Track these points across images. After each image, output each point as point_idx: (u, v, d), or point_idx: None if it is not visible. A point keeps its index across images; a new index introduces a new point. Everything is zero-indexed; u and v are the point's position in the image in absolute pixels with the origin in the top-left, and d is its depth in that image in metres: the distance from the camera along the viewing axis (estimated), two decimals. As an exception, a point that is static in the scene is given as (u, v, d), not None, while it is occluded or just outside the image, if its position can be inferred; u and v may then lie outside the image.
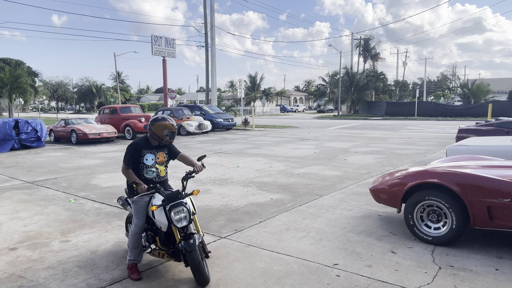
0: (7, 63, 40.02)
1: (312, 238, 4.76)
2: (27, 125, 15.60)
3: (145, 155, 3.85)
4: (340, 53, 47.56)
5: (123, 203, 4.29)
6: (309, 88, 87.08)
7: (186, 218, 3.61)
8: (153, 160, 3.90)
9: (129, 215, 4.32)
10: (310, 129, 24.77)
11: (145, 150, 3.87)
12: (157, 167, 3.92)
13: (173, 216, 3.54)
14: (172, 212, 3.55)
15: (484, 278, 3.62)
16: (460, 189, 4.22)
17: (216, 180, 8.43)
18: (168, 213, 3.55)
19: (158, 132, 3.82)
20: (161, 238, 3.78)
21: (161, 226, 3.63)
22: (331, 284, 3.56)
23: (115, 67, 49.99)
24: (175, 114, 21.52)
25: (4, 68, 32.25)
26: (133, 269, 3.80)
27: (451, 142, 11.98)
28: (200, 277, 3.50)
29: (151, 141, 3.92)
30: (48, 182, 8.53)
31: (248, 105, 55.00)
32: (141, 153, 3.85)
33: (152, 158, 3.90)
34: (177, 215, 3.57)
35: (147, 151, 3.88)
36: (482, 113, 34.03)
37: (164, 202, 3.59)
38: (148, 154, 3.87)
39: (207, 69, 29.87)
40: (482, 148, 7.11)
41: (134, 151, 3.83)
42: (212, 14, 29.91)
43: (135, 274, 3.76)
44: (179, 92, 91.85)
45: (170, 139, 3.92)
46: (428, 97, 71.23)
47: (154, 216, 3.65)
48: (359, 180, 8.19)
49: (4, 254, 4.43)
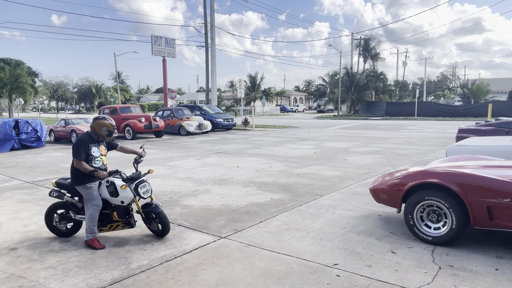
0: (7, 63, 39.98)
1: (312, 238, 4.76)
2: (27, 125, 15.60)
3: (92, 148, 4.60)
4: (340, 53, 47.58)
5: (58, 195, 4.86)
6: (309, 88, 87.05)
7: (149, 190, 4.79)
8: (98, 152, 4.68)
9: (56, 204, 4.92)
10: (310, 129, 24.78)
11: (91, 144, 4.62)
12: (101, 158, 4.70)
13: (140, 190, 4.64)
14: (138, 187, 4.64)
15: (484, 278, 3.63)
16: (460, 189, 4.23)
17: (216, 180, 8.44)
18: (135, 189, 4.61)
19: (98, 129, 4.62)
20: (119, 212, 4.70)
21: (123, 201, 4.60)
22: (331, 284, 3.56)
23: (115, 67, 49.97)
24: (175, 114, 21.51)
25: (4, 68, 32.24)
26: (95, 241, 4.53)
27: (451, 142, 11.98)
28: (167, 227, 4.78)
29: (93, 136, 4.67)
30: (48, 182, 8.53)
31: (248, 105, 54.99)
32: (88, 147, 4.59)
33: (97, 150, 4.68)
34: (143, 189, 4.69)
35: (92, 145, 4.64)
36: (482, 113, 34.04)
37: (127, 181, 4.62)
38: (93, 148, 4.63)
39: (207, 69, 29.87)
40: (482, 148, 7.11)
41: (83, 146, 4.54)
42: (212, 14, 29.91)
43: (100, 245, 4.53)
44: (179, 92, 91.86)
45: (108, 137, 4.70)
46: (428, 97, 71.24)
47: (117, 194, 4.56)
48: (359, 180, 8.20)
49: (4, 254, 4.43)
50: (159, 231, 4.84)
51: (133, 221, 4.83)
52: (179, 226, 5.33)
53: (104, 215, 4.74)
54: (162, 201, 6.67)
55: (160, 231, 4.83)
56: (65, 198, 4.86)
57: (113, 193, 4.61)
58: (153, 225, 4.85)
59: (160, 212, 4.69)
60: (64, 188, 4.86)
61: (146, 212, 4.74)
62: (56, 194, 4.88)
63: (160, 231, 4.83)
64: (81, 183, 4.59)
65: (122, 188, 4.55)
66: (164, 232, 4.81)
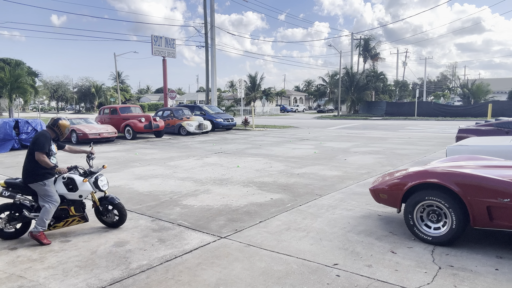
0: (7, 63, 40.00)
1: (312, 238, 4.76)
2: (27, 125, 15.60)
3: (51, 145, 4.88)
4: (340, 53, 47.59)
5: (10, 194, 4.80)
6: (309, 88, 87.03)
7: (107, 183, 5.22)
8: (54, 149, 4.96)
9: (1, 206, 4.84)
10: (310, 129, 24.78)
11: (51, 141, 4.91)
12: (55, 155, 4.97)
13: (99, 183, 5.05)
14: (98, 180, 5.04)
15: (484, 278, 3.63)
16: (460, 189, 4.23)
17: (216, 180, 8.44)
18: (95, 182, 5.00)
19: (62, 129, 4.97)
20: (76, 206, 4.99)
21: (82, 195, 4.93)
22: (331, 284, 3.56)
23: (115, 67, 49.97)
24: (175, 114, 21.51)
25: (4, 68, 32.27)
26: (42, 236, 4.67)
27: (451, 142, 11.98)
28: (124, 216, 5.20)
29: (51, 134, 4.96)
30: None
31: (248, 105, 54.97)
32: (50, 143, 4.85)
33: (54, 148, 4.95)
34: (101, 182, 5.10)
35: (52, 142, 4.92)
36: (482, 113, 34.04)
37: (86, 176, 5.00)
38: (52, 145, 4.90)
39: (207, 69, 29.86)
40: (482, 148, 7.11)
41: (48, 141, 4.79)
42: (212, 14, 29.90)
43: (47, 240, 4.70)
44: (179, 92, 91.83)
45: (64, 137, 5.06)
46: (428, 97, 71.23)
47: (76, 188, 4.86)
48: (359, 180, 8.20)
49: (4, 254, 4.43)
50: (115, 221, 5.20)
51: (86, 215, 5.13)
52: (179, 226, 5.34)
53: (59, 211, 4.90)
54: (162, 201, 6.68)
55: (117, 221, 5.20)
56: (17, 197, 4.85)
57: (72, 188, 4.89)
58: (109, 216, 5.20)
59: (118, 202, 5.12)
60: (15, 187, 4.83)
61: (104, 204, 5.15)
62: (7, 194, 4.79)
63: (116, 221, 5.20)
64: (36, 180, 4.72)
65: (84, 182, 4.90)
66: (121, 221, 5.20)
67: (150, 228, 5.27)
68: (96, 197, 5.15)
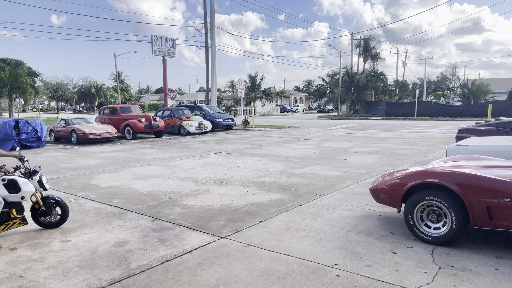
0: (7, 63, 39.99)
1: (312, 238, 4.76)
2: (27, 125, 15.60)
3: None
4: (340, 53, 47.62)
5: None
6: (309, 88, 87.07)
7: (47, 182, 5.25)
8: None
9: None
10: (310, 129, 24.78)
11: None
12: None
13: (44, 182, 5.11)
14: (42, 179, 5.08)
15: (484, 278, 3.63)
16: (460, 189, 4.23)
17: (216, 180, 8.44)
18: (40, 181, 5.02)
19: None
20: (18, 208, 4.87)
21: (24, 196, 4.80)
22: (331, 284, 3.56)
23: (115, 67, 49.99)
24: (175, 114, 21.51)
25: (4, 68, 32.27)
26: None
27: (451, 142, 11.99)
28: (67, 213, 5.29)
29: None
30: (48, 182, 8.51)
31: (248, 105, 54.97)
32: None
33: None
34: (45, 180, 5.15)
35: None
36: (482, 113, 34.05)
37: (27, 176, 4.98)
38: None
39: (207, 69, 29.87)
40: (482, 148, 7.11)
41: None
42: (212, 14, 29.90)
43: None
44: (179, 92, 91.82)
45: None
46: (428, 97, 71.22)
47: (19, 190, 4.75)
48: (359, 180, 8.20)
49: (4, 254, 4.43)
50: (57, 220, 5.23)
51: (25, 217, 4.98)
52: (179, 226, 5.34)
53: (0, 215, 4.70)
54: (162, 201, 6.68)
55: (59, 220, 5.24)
56: None
57: (14, 190, 4.77)
58: (53, 214, 5.18)
59: (60, 200, 5.24)
60: None
61: (48, 202, 5.15)
62: None
63: (59, 220, 5.24)
64: None
65: (32, 180, 4.95)
66: (63, 220, 5.26)
67: (150, 228, 5.27)
68: (39, 198, 5.08)
